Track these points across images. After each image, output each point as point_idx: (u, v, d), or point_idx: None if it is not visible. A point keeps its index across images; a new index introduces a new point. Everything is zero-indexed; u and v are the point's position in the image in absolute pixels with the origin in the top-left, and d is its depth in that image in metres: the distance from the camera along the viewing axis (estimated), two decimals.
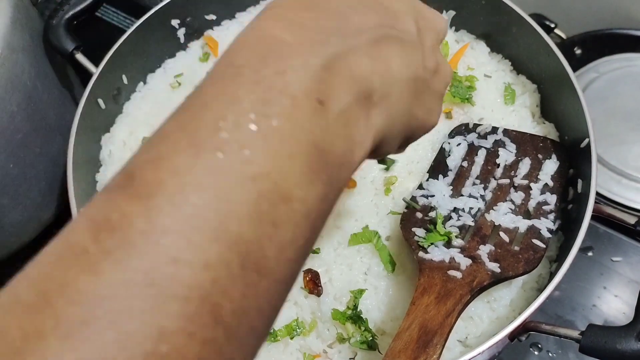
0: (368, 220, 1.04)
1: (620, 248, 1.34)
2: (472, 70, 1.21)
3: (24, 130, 1.15)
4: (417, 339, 0.82)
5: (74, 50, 1.21)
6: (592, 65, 1.56)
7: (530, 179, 1.02)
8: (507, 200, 1.00)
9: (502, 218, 0.98)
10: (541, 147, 1.06)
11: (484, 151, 1.07)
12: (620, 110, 1.47)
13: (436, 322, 0.84)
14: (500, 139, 1.08)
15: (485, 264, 0.93)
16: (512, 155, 1.05)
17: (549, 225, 0.97)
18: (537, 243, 0.96)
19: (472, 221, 0.99)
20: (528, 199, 1.00)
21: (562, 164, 1.04)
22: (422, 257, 0.94)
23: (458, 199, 1.01)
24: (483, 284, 0.91)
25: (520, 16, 1.18)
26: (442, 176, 1.05)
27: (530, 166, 1.04)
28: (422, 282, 0.90)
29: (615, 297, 1.29)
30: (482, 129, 1.10)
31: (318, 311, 0.99)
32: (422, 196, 1.03)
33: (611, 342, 0.84)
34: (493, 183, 1.03)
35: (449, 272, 0.91)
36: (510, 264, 0.93)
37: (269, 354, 0.98)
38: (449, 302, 0.87)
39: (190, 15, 1.32)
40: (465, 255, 0.94)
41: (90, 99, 1.16)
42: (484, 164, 1.05)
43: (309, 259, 1.02)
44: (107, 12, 1.75)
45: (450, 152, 1.08)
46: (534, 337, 1.23)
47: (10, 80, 1.09)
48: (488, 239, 0.97)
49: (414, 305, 0.87)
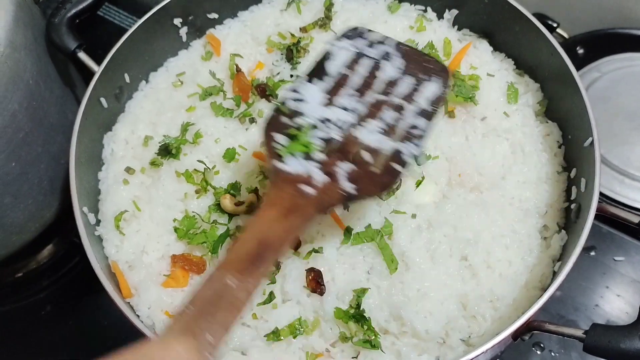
0: (371, 220, 1.04)
1: (623, 248, 1.33)
2: (475, 69, 1.20)
3: (25, 129, 1.14)
4: (253, 253, 0.78)
5: (76, 49, 1.21)
6: (594, 64, 1.56)
7: (408, 100, 0.95)
8: (379, 117, 0.93)
9: (370, 137, 0.91)
10: (427, 68, 0.98)
11: (369, 62, 0.98)
12: (623, 110, 1.46)
13: (275, 237, 0.80)
14: (389, 51, 0.99)
15: (341, 183, 0.87)
16: (397, 71, 0.98)
17: (413, 151, 0.91)
18: (397, 167, 0.90)
19: (339, 135, 0.91)
20: (400, 120, 0.93)
21: (442, 89, 0.96)
22: (277, 166, 0.88)
23: (330, 109, 0.93)
24: (333, 204, 0.88)
25: (523, 15, 1.18)
26: (318, 79, 0.97)
27: (412, 86, 0.96)
28: (271, 194, 0.85)
29: (618, 297, 1.29)
30: (374, 37, 1.01)
31: (321, 310, 0.99)
32: (293, 99, 0.95)
33: (615, 342, 0.84)
34: (370, 97, 0.95)
35: (301, 186, 0.86)
36: (366, 186, 0.88)
37: (272, 353, 0.98)
38: (294, 218, 0.83)
39: (192, 14, 1.32)
40: (323, 170, 0.88)
41: (93, 97, 1.16)
42: (366, 75, 0.97)
43: (312, 258, 1.02)
44: (109, 11, 1.75)
45: (333, 57, 0.99)
46: (536, 337, 1.23)
47: (12, 78, 1.09)
48: (351, 156, 0.90)
49: (257, 218, 0.83)
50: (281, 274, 1.02)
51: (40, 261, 1.43)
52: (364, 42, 1.01)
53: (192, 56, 1.32)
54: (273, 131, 0.92)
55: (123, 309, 0.96)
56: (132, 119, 1.24)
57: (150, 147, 1.19)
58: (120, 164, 1.18)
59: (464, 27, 1.30)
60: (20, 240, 1.27)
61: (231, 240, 1.05)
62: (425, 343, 0.97)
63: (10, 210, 1.19)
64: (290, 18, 1.31)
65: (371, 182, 0.88)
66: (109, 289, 0.97)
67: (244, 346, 0.98)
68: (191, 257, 1.05)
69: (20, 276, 1.42)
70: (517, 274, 1.02)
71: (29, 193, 1.21)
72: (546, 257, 1.04)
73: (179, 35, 1.32)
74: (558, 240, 1.05)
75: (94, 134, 1.19)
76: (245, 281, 0.75)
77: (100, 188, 1.16)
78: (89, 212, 1.09)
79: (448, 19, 1.29)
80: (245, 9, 1.36)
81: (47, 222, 1.30)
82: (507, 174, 1.10)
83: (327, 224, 1.04)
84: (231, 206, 1.06)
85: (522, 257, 1.04)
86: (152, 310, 1.03)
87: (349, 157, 0.90)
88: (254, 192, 1.08)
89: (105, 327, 1.29)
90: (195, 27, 1.34)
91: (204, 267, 1.04)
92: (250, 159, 1.12)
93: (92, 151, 1.18)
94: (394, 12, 1.29)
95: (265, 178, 1.10)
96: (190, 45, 1.35)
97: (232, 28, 1.34)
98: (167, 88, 1.27)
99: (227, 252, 0.81)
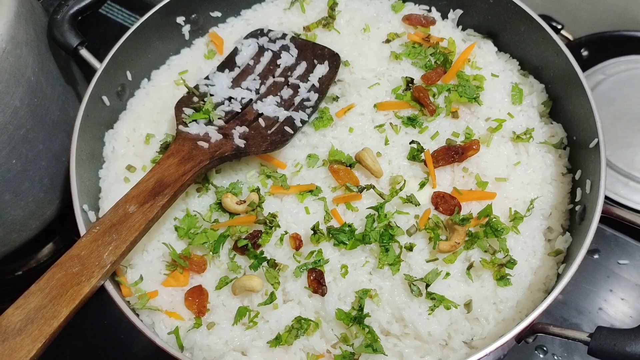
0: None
1: (627, 251, 1.33)
2: (479, 69, 1.19)
3: (27, 126, 1.14)
4: (151, 189, 0.98)
5: (78, 46, 1.20)
6: (599, 67, 1.55)
7: (302, 79, 1.16)
8: (277, 94, 1.14)
9: (266, 108, 1.11)
10: (319, 54, 1.21)
11: (270, 53, 1.21)
12: (627, 112, 1.46)
13: (172, 178, 1.00)
14: (287, 44, 1.23)
15: (234, 140, 1.07)
16: (292, 59, 1.19)
17: (303, 117, 1.11)
18: (288, 129, 1.09)
19: (239, 108, 1.11)
20: (295, 96, 1.13)
21: (331, 70, 1.16)
22: (181, 129, 1.08)
23: (234, 90, 1.16)
24: (224, 154, 1.04)
25: (528, 15, 1.17)
26: (228, 70, 1.18)
27: (305, 69, 1.18)
28: (172, 148, 1.05)
29: (622, 300, 1.28)
30: (274, 34, 1.25)
31: (322, 311, 0.98)
32: (205, 85, 1.16)
33: (621, 345, 0.83)
34: (270, 80, 1.18)
35: (198, 142, 1.05)
36: (257, 142, 1.07)
37: (272, 354, 0.97)
38: (189, 164, 1.02)
39: (195, 12, 1.31)
40: (221, 132, 1.08)
41: (94, 95, 1.15)
42: (267, 64, 1.19)
43: (313, 257, 1.01)
44: (111, 9, 1.74)
45: (241, 51, 1.21)
46: (539, 340, 1.22)
47: (14, 74, 1.08)
48: (248, 122, 1.11)
49: (158, 164, 1.03)
50: (282, 275, 1.01)
51: (41, 259, 1.43)
52: (266, 39, 1.23)
53: (194, 54, 1.32)
54: (183, 107, 1.13)
55: (123, 308, 0.95)
56: (134, 117, 1.24)
57: (151, 145, 1.18)
58: (121, 162, 1.17)
59: (469, 27, 1.29)
60: (21, 238, 1.26)
61: (232, 240, 1.04)
62: (427, 345, 0.96)
63: (11, 208, 1.18)
64: (294, 17, 1.30)
65: (262, 141, 1.08)
66: (108, 288, 0.97)
67: (244, 346, 0.97)
68: (192, 256, 1.04)
69: (20, 274, 1.41)
70: (521, 276, 1.01)
71: (30, 190, 1.20)
72: (550, 259, 1.03)
73: (181, 33, 1.32)
74: (562, 242, 1.04)
75: (95, 131, 1.18)
76: (144, 210, 0.97)
77: (101, 186, 1.16)
78: (89, 210, 1.08)
79: (452, 19, 1.29)
80: (248, 7, 1.35)
81: (47, 220, 1.29)
82: (511, 175, 1.09)
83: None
84: (232, 205, 1.05)
85: (526, 259, 1.03)
86: (152, 309, 1.02)
87: (246, 123, 1.10)
88: (255, 191, 1.07)
89: (105, 326, 1.28)
90: (198, 26, 1.33)
91: (205, 267, 1.04)
92: (251, 157, 1.12)
93: (93, 149, 1.17)
94: (398, 11, 1.28)
95: (267, 177, 1.09)
96: (193, 43, 1.34)
97: (235, 26, 1.34)
98: (169, 86, 1.27)
99: (131, 189, 1.00)
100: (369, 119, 1.14)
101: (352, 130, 1.12)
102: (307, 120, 1.12)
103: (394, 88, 1.17)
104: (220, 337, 0.98)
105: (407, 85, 1.16)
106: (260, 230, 1.03)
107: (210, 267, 1.04)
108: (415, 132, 1.12)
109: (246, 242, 1.02)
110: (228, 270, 1.03)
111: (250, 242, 1.02)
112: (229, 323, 0.99)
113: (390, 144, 1.11)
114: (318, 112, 1.14)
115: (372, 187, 1.04)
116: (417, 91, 1.14)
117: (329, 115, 1.14)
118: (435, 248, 1.00)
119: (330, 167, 1.08)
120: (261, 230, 1.03)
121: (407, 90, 1.16)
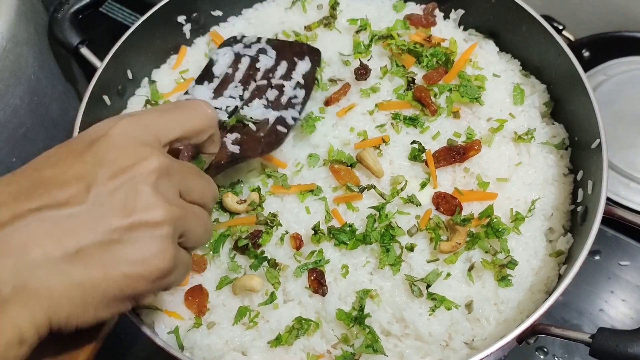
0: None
1: (628, 252, 1.32)
2: (481, 69, 1.19)
3: (27, 124, 1.14)
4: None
5: (79, 45, 1.20)
6: (600, 67, 1.55)
7: (285, 78, 1.15)
8: (263, 97, 1.12)
9: (254, 112, 1.10)
10: (298, 51, 1.18)
11: (247, 59, 1.18)
12: (629, 113, 1.45)
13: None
14: (263, 47, 1.19)
15: (227, 147, 1.04)
16: (271, 61, 1.17)
17: (294, 115, 1.10)
18: (281, 129, 1.08)
19: (226, 117, 1.09)
20: (281, 95, 1.12)
21: (313, 65, 1.16)
22: None
23: (217, 100, 1.12)
24: (220, 162, 1.03)
25: (530, 15, 1.17)
26: (207, 82, 1.16)
27: (287, 68, 1.16)
28: None
29: (623, 302, 1.27)
30: (248, 39, 1.21)
31: (322, 311, 0.98)
32: (185, 99, 1.13)
33: (622, 346, 0.83)
34: (252, 85, 1.14)
35: None
36: (252, 146, 1.06)
37: (272, 354, 0.96)
38: None
39: (196, 11, 1.31)
40: None
41: (95, 93, 1.15)
42: (247, 70, 1.17)
43: (314, 257, 1.01)
44: (112, 8, 1.74)
45: (217, 62, 1.19)
46: (540, 341, 1.21)
47: (14, 73, 1.08)
48: (238, 129, 1.07)
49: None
50: (283, 275, 1.00)
51: None
52: (240, 45, 1.21)
53: (195, 53, 1.32)
54: None
55: None
56: None
57: None
58: None
59: (470, 27, 1.29)
60: None
61: (232, 240, 1.04)
62: (428, 346, 0.96)
63: None
64: (295, 16, 1.30)
65: (257, 144, 1.06)
66: None
67: (244, 346, 0.97)
68: (192, 255, 1.04)
69: None
70: (522, 277, 1.01)
71: None
72: (551, 260, 1.03)
73: (182, 32, 1.32)
74: (564, 243, 1.04)
75: None
76: None
77: None
78: None
79: (454, 18, 1.28)
80: (249, 6, 1.35)
81: None
82: (513, 176, 1.09)
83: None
84: (233, 204, 1.05)
85: (527, 260, 1.03)
86: (152, 308, 1.01)
87: (237, 129, 1.08)
88: (256, 190, 1.07)
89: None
90: (199, 25, 1.33)
91: (205, 266, 1.03)
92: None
93: None
94: (399, 11, 1.28)
95: (268, 176, 1.09)
96: (194, 42, 1.34)
97: (236, 26, 1.33)
98: (170, 85, 1.26)
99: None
100: (370, 119, 1.14)
101: (353, 130, 1.12)
102: (298, 117, 1.10)
103: (395, 88, 1.16)
104: (221, 336, 0.97)
105: (409, 85, 1.16)
106: (260, 230, 1.03)
107: (210, 266, 1.04)
108: (416, 132, 1.12)
109: (246, 241, 1.01)
110: (228, 270, 1.02)
111: (250, 242, 1.02)
112: (229, 323, 0.99)
113: (391, 144, 1.10)
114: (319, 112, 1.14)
115: (373, 187, 1.04)
116: (419, 91, 1.13)
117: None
118: (436, 248, 1.00)
119: (331, 167, 1.08)
120: (262, 230, 1.03)
121: (408, 90, 1.16)
